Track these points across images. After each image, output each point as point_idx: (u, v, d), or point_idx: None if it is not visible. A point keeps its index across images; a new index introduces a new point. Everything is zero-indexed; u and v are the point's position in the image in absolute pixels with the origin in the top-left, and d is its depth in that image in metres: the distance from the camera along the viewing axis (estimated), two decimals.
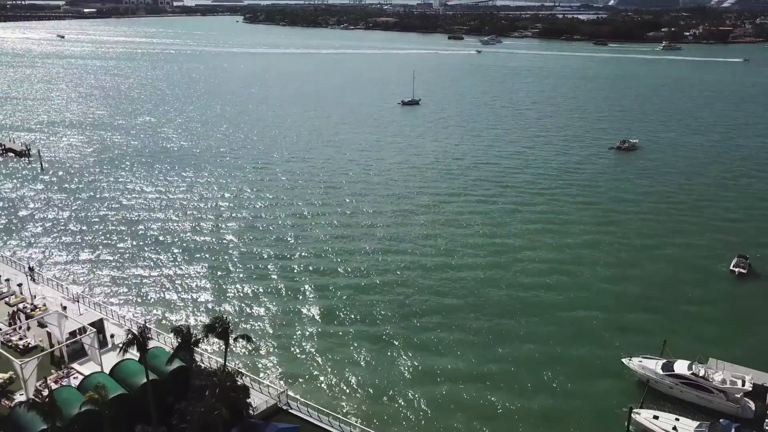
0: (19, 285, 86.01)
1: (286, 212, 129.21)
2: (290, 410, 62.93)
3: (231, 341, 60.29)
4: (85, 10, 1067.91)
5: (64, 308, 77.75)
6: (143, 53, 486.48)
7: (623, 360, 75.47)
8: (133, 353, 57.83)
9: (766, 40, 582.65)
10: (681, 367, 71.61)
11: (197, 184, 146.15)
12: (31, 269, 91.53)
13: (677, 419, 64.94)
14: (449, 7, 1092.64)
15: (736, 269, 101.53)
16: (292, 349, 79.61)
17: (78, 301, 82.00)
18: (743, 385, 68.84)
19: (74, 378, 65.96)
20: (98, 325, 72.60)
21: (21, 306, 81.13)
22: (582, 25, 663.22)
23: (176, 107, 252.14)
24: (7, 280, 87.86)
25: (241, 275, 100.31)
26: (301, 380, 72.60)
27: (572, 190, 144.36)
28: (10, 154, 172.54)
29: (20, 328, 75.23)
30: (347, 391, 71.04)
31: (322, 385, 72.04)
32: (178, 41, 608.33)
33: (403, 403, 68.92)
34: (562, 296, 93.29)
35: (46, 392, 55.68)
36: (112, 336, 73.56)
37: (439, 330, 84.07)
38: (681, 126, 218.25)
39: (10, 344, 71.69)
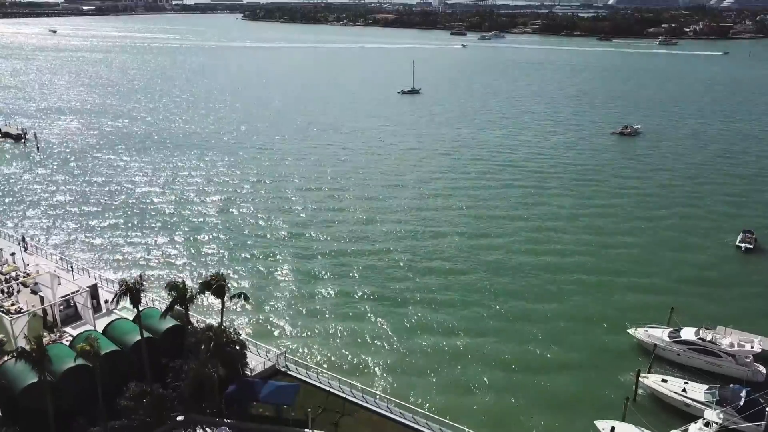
0: (12, 254, 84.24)
1: (283, 187, 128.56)
2: (289, 372, 61.24)
3: (227, 300, 58.52)
4: (84, 8, 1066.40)
5: (58, 276, 75.93)
6: (135, 47, 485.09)
7: (629, 330, 73.75)
8: (128, 308, 56.10)
9: (767, 35, 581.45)
10: (688, 333, 69.89)
11: (201, 167, 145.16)
12: (23, 240, 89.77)
13: (686, 383, 63.20)
14: (449, 6, 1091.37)
15: (743, 244, 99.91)
16: (290, 311, 78.87)
17: (72, 270, 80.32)
18: (752, 348, 67.26)
19: (66, 341, 64.26)
20: (92, 291, 70.86)
21: (14, 274, 79.29)
22: (582, 22, 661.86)
23: (177, 97, 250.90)
24: (0, 250, 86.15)
25: (236, 243, 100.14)
26: (299, 342, 71.28)
27: (574, 169, 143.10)
28: (7, 138, 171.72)
29: (12, 294, 73.38)
30: (346, 352, 69.79)
31: (321, 346, 70.78)
32: (177, 36, 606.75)
33: (405, 365, 67.62)
34: (567, 269, 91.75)
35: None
36: (106, 301, 71.60)
37: (442, 298, 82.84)
38: (679, 111, 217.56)
39: (1, 309, 69.82)
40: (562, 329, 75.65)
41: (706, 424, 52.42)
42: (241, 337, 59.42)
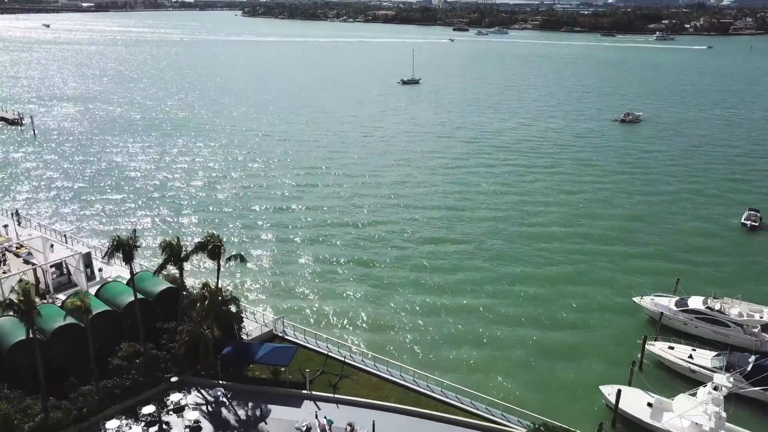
0: (5, 226, 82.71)
1: (282, 166, 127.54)
2: (286, 336, 59.65)
3: (223, 261, 56.83)
4: (84, 4, 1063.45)
5: (51, 246, 74.39)
6: (134, 41, 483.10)
7: (634, 299, 72.14)
8: (122, 277, 54.51)
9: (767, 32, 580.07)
10: (695, 302, 68.36)
11: (198, 148, 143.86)
12: (16, 213, 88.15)
13: (693, 350, 61.76)
14: (449, 3, 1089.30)
15: (748, 222, 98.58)
16: (287, 277, 78.23)
17: (65, 242, 78.77)
18: (761, 318, 65.78)
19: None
20: (86, 259, 69.25)
21: (6, 245, 77.72)
22: (582, 18, 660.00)
23: (175, 87, 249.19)
24: None
25: (231, 214, 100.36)
26: (297, 307, 70.16)
27: (578, 153, 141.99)
28: (4, 123, 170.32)
29: (3, 263, 71.84)
30: (344, 317, 68.89)
31: (319, 311, 69.76)
32: (177, 31, 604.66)
33: (404, 329, 66.67)
34: (572, 243, 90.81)
35: None
36: (100, 270, 70.16)
37: (444, 265, 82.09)
38: (679, 100, 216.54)
39: None
40: (567, 299, 74.41)
41: (716, 388, 50.83)
42: (237, 303, 57.64)
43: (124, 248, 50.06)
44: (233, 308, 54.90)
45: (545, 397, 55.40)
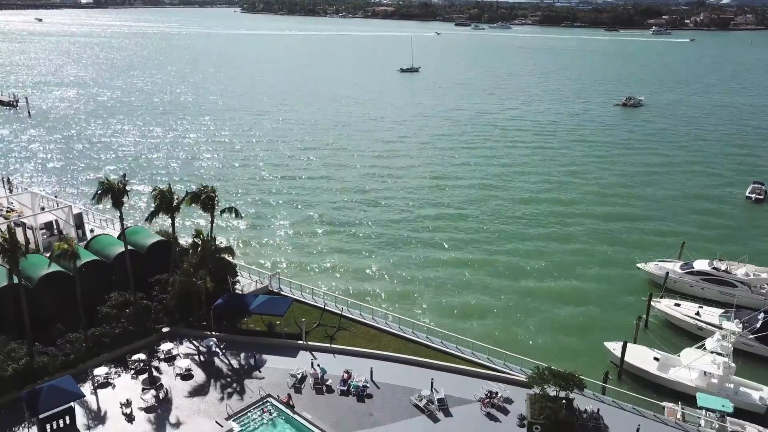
0: None
1: (283, 147, 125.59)
2: (282, 293, 57.85)
3: (217, 214, 55.09)
4: (83, 1, 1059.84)
5: (42, 209, 72.64)
6: (132, 34, 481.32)
7: (639, 265, 70.50)
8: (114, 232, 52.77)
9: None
10: (701, 264, 66.78)
11: (198, 127, 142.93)
12: (8, 181, 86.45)
13: (700, 307, 60.15)
14: (449, 0, 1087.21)
15: (752, 195, 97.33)
16: (282, 233, 77.96)
17: (57, 206, 76.89)
18: None
19: None
20: (77, 220, 67.57)
21: None
22: (582, 13, 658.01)
23: (173, 74, 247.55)
24: None
25: (228, 177, 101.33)
26: (292, 264, 69.17)
27: (581, 132, 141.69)
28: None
29: None
30: (342, 272, 68.12)
31: (316, 267, 68.83)
32: (175, 25, 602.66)
33: (405, 287, 65.75)
34: (577, 215, 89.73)
35: None
36: (91, 231, 68.46)
37: (449, 235, 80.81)
38: (678, 87, 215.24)
39: None
40: (571, 264, 73.30)
41: (724, 336, 49.22)
42: (232, 256, 56.00)
43: (114, 192, 48.26)
44: (227, 257, 53.13)
45: (547, 352, 53.71)
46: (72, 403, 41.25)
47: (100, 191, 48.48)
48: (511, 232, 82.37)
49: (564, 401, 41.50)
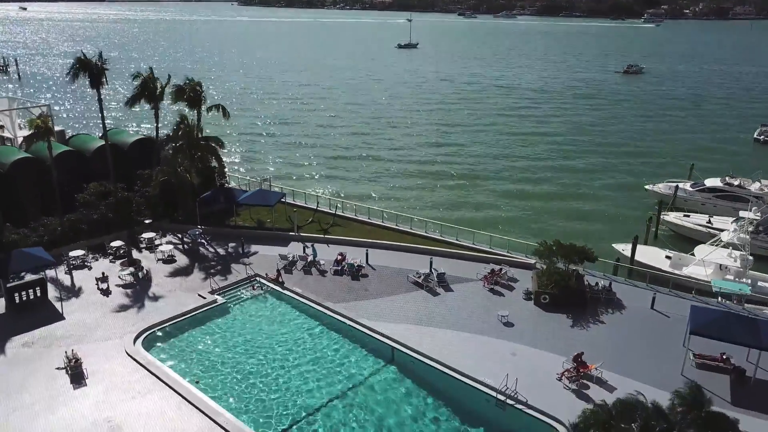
0: None
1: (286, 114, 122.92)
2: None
3: (204, 111, 51.87)
4: None
5: (17, 99, 68.84)
6: (128, 20, 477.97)
7: (646, 186, 67.62)
8: None
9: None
10: (713, 182, 63.89)
11: None
12: None
13: (711, 216, 57.22)
14: None
15: (761, 137, 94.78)
16: (272, 135, 77.65)
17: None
18: None
19: None
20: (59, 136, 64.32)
21: None
22: (581, 3, 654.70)
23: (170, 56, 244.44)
24: None
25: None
26: (284, 172, 67.04)
27: (588, 90, 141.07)
28: None
29: None
30: (337, 174, 67.11)
31: (307, 170, 67.56)
32: (167, 14, 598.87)
33: (405, 187, 64.62)
34: (583, 150, 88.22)
35: None
36: None
37: (451, 163, 77.86)
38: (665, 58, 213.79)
39: None
40: (577, 185, 71.44)
41: (741, 227, 46.04)
42: (221, 154, 52.69)
43: (91, 69, 44.92)
44: (214, 143, 49.82)
45: None
46: (43, 274, 38.27)
47: (76, 66, 45.09)
48: (519, 162, 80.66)
49: (574, 272, 38.58)
